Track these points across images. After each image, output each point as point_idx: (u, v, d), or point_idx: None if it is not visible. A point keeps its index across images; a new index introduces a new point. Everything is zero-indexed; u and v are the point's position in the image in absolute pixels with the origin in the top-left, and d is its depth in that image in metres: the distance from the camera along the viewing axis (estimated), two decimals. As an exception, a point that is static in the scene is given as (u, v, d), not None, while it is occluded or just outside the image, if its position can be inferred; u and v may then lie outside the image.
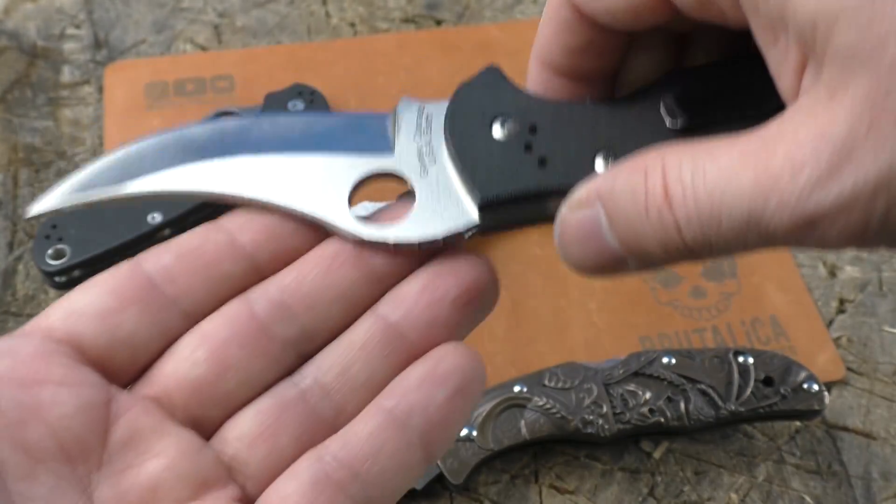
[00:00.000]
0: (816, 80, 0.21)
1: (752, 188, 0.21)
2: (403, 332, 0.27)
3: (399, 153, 0.28)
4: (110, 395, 0.25)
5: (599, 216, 0.24)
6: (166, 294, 0.26)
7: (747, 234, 0.21)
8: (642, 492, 0.47)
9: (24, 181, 0.57)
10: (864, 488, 0.47)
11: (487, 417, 0.45)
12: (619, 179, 0.24)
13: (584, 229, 0.25)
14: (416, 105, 0.28)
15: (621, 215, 0.24)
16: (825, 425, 0.49)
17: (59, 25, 0.64)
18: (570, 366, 0.46)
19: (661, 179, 0.22)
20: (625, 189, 0.23)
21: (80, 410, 0.24)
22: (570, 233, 0.25)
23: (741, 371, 0.46)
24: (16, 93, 0.61)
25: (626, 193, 0.23)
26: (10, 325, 0.51)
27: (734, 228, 0.21)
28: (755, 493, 0.47)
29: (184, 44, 0.64)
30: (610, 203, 0.24)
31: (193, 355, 0.26)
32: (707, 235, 0.22)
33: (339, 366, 0.27)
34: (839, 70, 0.20)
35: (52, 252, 0.50)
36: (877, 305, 0.53)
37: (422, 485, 0.44)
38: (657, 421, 0.45)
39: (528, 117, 0.27)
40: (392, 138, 0.28)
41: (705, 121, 0.26)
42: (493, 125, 0.27)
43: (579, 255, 0.25)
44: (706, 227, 0.22)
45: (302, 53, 0.63)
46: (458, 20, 0.66)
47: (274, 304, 0.27)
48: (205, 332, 0.26)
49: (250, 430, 0.26)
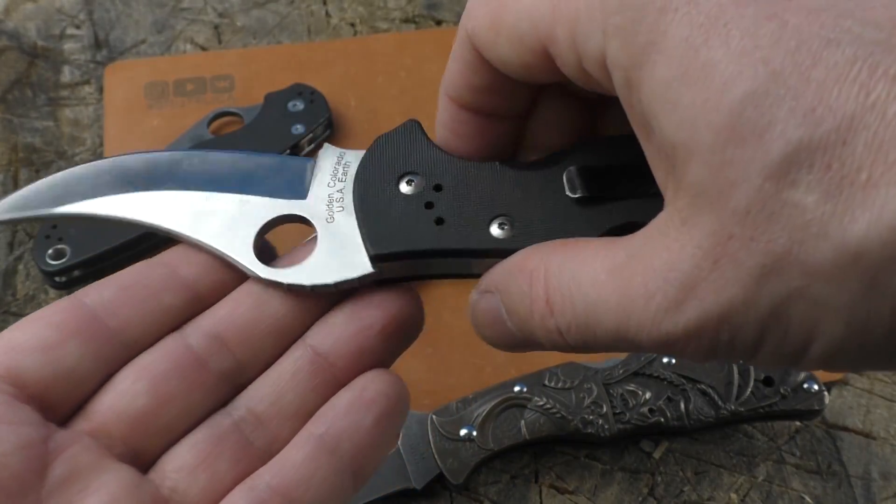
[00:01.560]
0: (675, 197, 0.21)
1: (616, 308, 0.22)
2: (332, 360, 0.28)
3: (311, 199, 0.29)
4: (49, 432, 0.25)
5: (499, 306, 0.26)
6: (108, 326, 0.27)
7: (619, 343, 0.23)
8: (642, 492, 0.47)
9: (24, 181, 0.57)
10: (863, 488, 0.47)
11: (487, 417, 0.45)
12: (510, 278, 0.25)
13: (490, 315, 0.26)
14: (336, 153, 0.29)
15: (514, 311, 0.25)
16: (825, 425, 0.49)
17: (60, 25, 0.64)
18: (570, 366, 0.46)
19: (542, 288, 0.24)
20: (514, 290, 0.25)
21: (19, 449, 0.24)
22: (479, 316, 0.27)
23: (741, 371, 0.46)
24: (16, 93, 0.61)
25: (516, 294, 0.25)
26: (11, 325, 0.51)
27: (607, 337, 0.23)
28: (755, 492, 0.47)
29: (184, 44, 0.64)
30: (505, 298, 0.26)
31: (133, 388, 0.26)
32: (586, 341, 0.24)
33: (272, 396, 0.27)
34: (690, 202, 0.21)
35: (52, 252, 0.50)
36: (877, 305, 0.53)
37: (421, 485, 0.44)
38: (657, 421, 0.45)
39: (434, 176, 0.28)
40: (307, 184, 0.29)
41: (604, 194, 0.27)
42: (401, 181, 0.28)
43: (490, 336, 0.27)
44: (584, 334, 0.23)
45: (302, 53, 0.63)
46: (457, 20, 0.66)
47: (209, 337, 0.27)
48: (143, 366, 0.27)
49: (188, 461, 0.26)
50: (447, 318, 0.51)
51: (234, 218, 0.29)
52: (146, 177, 0.29)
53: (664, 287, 0.21)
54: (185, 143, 0.56)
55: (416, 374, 0.50)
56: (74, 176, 0.29)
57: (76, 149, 0.58)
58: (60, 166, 0.57)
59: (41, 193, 0.29)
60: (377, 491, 0.44)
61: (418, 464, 0.45)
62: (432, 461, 0.44)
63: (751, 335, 0.21)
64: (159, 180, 0.29)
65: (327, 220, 0.28)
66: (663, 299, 0.21)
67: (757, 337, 0.21)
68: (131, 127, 0.59)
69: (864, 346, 0.20)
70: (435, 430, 0.45)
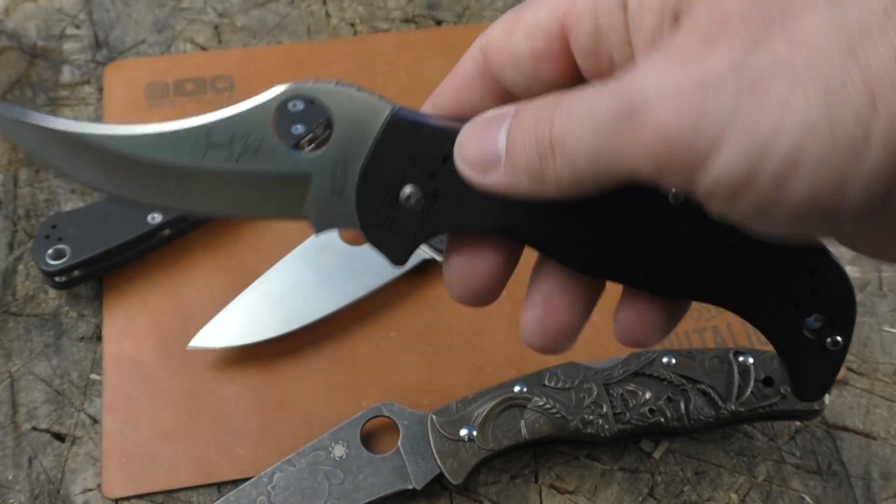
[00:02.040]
0: (687, 32, 0.24)
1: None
2: None
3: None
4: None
5: (506, 121, 0.27)
6: None
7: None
8: (642, 492, 0.47)
9: (23, 181, 0.57)
10: (864, 488, 0.47)
11: (487, 417, 0.45)
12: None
13: (489, 125, 0.28)
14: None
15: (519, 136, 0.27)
16: (825, 425, 0.49)
17: (60, 25, 0.64)
18: (570, 366, 0.46)
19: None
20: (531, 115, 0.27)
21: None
22: (474, 129, 0.28)
23: (741, 371, 0.46)
24: (16, 93, 0.61)
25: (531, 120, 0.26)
26: (10, 325, 0.51)
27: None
28: (755, 493, 0.47)
29: (184, 44, 0.64)
30: (516, 120, 0.27)
31: None
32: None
33: None
34: (709, 24, 0.23)
35: (52, 252, 0.50)
36: (877, 305, 0.53)
37: (421, 485, 0.44)
38: (657, 421, 0.45)
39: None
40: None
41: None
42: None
43: (469, 144, 0.28)
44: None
45: (302, 53, 0.63)
46: (458, 20, 0.66)
47: None
48: None
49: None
50: (447, 318, 0.51)
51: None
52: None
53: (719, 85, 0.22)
54: (184, 143, 0.55)
55: (416, 374, 0.50)
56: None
57: (76, 149, 0.58)
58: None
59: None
60: (377, 491, 0.44)
61: (418, 464, 0.45)
62: (432, 461, 0.44)
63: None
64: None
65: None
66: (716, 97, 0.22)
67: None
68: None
69: (834, 132, 0.21)
70: (435, 430, 0.45)
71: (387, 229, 0.31)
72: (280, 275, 0.51)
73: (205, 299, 0.52)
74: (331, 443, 0.45)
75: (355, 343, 0.51)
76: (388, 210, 0.30)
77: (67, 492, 0.46)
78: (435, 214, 0.30)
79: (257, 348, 0.50)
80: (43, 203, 0.56)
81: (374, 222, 0.30)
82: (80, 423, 0.48)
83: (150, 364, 0.50)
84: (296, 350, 0.50)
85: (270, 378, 0.50)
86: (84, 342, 0.51)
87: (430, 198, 0.30)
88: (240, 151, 0.30)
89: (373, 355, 0.50)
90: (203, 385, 0.49)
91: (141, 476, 0.46)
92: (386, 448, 0.46)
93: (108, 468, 0.46)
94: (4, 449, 0.47)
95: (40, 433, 0.48)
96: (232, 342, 0.49)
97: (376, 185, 0.30)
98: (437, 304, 0.51)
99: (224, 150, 0.30)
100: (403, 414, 0.46)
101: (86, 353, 0.50)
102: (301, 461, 0.45)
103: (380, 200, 0.30)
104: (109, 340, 0.50)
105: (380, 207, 0.30)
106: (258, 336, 0.49)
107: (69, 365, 0.50)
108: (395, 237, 0.31)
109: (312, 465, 0.45)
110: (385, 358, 0.50)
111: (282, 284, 0.51)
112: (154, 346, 0.50)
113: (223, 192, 0.30)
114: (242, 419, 0.48)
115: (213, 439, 0.47)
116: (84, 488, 0.46)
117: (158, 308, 0.52)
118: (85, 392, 0.49)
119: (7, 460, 0.47)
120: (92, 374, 0.50)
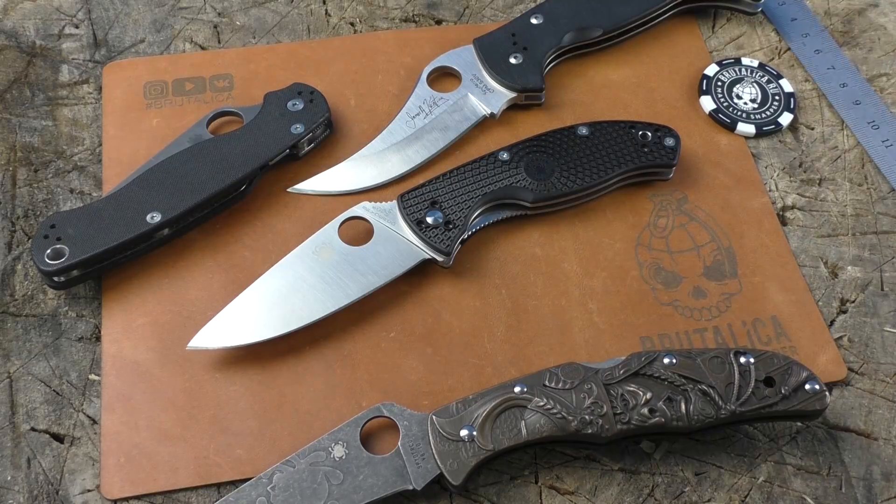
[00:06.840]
0: None
1: None
2: None
3: None
4: None
5: None
6: None
7: None
8: (642, 492, 0.47)
9: (22, 181, 0.57)
10: (865, 489, 0.47)
11: (487, 418, 0.45)
12: None
13: None
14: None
15: None
16: (826, 426, 0.49)
17: (58, 25, 0.64)
18: (571, 366, 0.46)
19: None
20: None
21: None
22: None
23: (742, 371, 0.46)
24: (14, 92, 0.61)
25: None
26: (9, 325, 0.51)
27: None
28: (756, 493, 0.47)
29: (183, 43, 0.64)
30: None
31: None
32: None
33: None
34: None
35: (51, 252, 0.50)
36: (878, 306, 0.53)
37: (421, 485, 0.44)
38: (657, 421, 0.45)
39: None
40: None
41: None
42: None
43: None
44: None
45: (301, 52, 0.63)
46: (457, 19, 0.66)
47: None
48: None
49: None
50: (447, 318, 0.51)
51: None
52: None
53: None
54: (184, 143, 0.55)
55: (416, 374, 0.50)
56: None
57: (75, 148, 0.58)
58: (59, 166, 0.57)
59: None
60: (377, 491, 0.44)
61: (418, 464, 0.44)
62: (432, 462, 0.44)
63: None
64: None
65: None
66: None
67: None
68: (130, 126, 0.59)
69: None
70: (435, 430, 0.45)
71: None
72: (280, 275, 0.51)
73: (204, 299, 0.52)
74: (330, 443, 0.45)
75: (355, 343, 0.51)
76: None
77: (66, 492, 0.46)
78: None
79: (257, 348, 0.49)
80: (41, 203, 0.56)
81: None
82: (78, 424, 0.48)
83: (149, 364, 0.50)
84: (295, 350, 0.50)
85: (270, 378, 0.49)
86: (83, 342, 0.51)
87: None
88: None
89: (373, 356, 0.50)
90: (202, 385, 0.49)
91: (140, 477, 0.46)
92: (386, 449, 0.46)
93: (107, 469, 0.46)
94: (3, 449, 0.47)
95: (39, 434, 0.48)
96: (231, 342, 0.49)
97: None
98: (437, 304, 0.51)
99: None
100: (403, 414, 0.46)
101: (84, 353, 0.50)
102: (300, 462, 0.45)
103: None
104: (108, 341, 0.50)
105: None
106: (258, 336, 0.49)
107: (68, 365, 0.50)
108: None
109: (312, 466, 0.45)
110: (385, 358, 0.50)
111: (282, 284, 0.50)
112: (153, 347, 0.50)
113: None
114: (242, 420, 0.48)
115: (212, 440, 0.47)
116: (83, 489, 0.46)
117: (157, 308, 0.52)
118: (84, 392, 0.49)
119: (6, 461, 0.47)
120: (91, 374, 0.50)
